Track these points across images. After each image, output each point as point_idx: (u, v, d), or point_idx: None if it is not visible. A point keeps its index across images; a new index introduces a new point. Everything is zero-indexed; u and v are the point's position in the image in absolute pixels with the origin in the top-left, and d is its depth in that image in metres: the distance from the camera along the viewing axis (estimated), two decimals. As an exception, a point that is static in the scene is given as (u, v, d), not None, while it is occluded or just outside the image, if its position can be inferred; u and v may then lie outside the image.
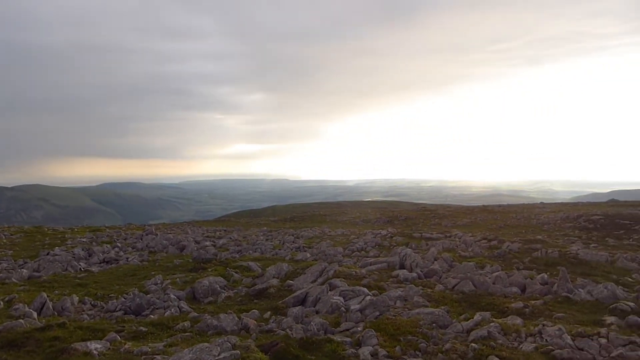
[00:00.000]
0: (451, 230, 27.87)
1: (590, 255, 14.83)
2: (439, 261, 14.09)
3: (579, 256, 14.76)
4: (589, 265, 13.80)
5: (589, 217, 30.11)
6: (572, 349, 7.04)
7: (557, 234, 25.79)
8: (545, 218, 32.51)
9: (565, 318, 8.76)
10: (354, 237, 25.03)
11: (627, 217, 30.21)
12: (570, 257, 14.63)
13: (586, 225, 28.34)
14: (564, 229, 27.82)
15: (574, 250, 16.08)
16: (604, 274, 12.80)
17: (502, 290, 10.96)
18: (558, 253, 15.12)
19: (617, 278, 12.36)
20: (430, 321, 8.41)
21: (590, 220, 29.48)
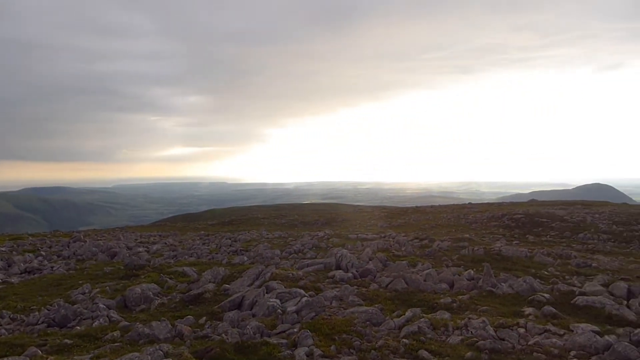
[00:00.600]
0: (386, 231, 28.68)
1: (511, 251, 15.89)
2: (373, 261, 14.48)
3: (501, 253, 15.77)
4: (510, 261, 14.78)
5: (512, 216, 32.14)
6: (494, 339, 7.51)
7: (484, 232, 27.30)
8: (473, 217, 34.29)
9: (489, 311, 9.33)
10: (291, 240, 25.11)
11: (545, 215, 32.58)
12: (494, 254, 15.59)
13: (509, 224, 30.23)
14: (490, 228, 29.50)
15: (498, 247, 17.14)
16: (523, 269, 13.76)
17: (433, 287, 11.47)
18: (483, 250, 16.06)
19: (535, 272, 13.33)
20: (365, 319, 8.64)
21: (513, 219, 31.48)
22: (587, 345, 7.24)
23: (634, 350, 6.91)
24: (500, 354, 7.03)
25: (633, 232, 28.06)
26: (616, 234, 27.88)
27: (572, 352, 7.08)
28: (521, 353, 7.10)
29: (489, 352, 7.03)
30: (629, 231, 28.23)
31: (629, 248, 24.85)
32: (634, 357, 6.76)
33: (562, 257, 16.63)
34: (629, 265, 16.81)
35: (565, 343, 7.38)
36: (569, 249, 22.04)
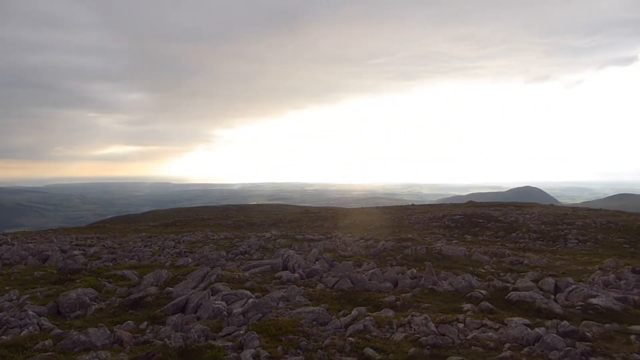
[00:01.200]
0: (332, 232, 28.99)
1: (451, 250, 16.59)
2: (320, 261, 14.62)
3: (442, 252, 16.42)
4: (450, 260, 15.42)
5: (452, 217, 33.46)
6: (435, 335, 7.82)
7: (426, 232, 28.24)
8: (416, 218, 35.38)
9: (430, 308, 9.69)
10: (237, 241, 24.82)
11: (482, 216, 34.19)
12: (436, 253, 16.20)
13: (449, 224, 31.45)
14: (431, 228, 30.55)
15: (439, 246, 17.82)
16: (462, 267, 14.40)
17: (377, 285, 11.74)
18: (425, 250, 16.64)
19: (473, 270, 13.99)
20: (311, 319, 8.72)
21: (453, 219, 32.79)
22: (520, 338, 7.70)
23: (561, 341, 7.43)
24: (441, 348, 7.32)
25: (559, 231, 30.04)
26: (544, 233, 29.73)
27: (506, 344, 7.50)
28: (460, 347, 7.44)
29: (431, 348, 7.31)
30: (556, 230, 30.20)
31: (556, 246, 26.58)
32: (560, 347, 7.27)
33: (497, 256, 17.55)
34: (556, 262, 18.01)
35: (500, 336, 7.82)
36: (503, 247, 23.26)
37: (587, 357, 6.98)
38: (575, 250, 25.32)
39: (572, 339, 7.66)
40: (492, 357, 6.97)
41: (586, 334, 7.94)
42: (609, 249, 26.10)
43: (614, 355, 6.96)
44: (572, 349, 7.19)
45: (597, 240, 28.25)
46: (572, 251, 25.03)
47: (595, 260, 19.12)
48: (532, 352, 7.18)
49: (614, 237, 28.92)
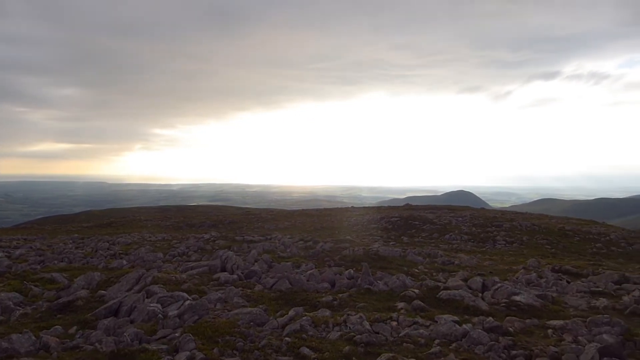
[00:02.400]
0: (272, 233, 28.96)
1: (387, 251, 17.15)
2: (259, 262, 14.61)
3: (379, 253, 16.92)
4: (386, 260, 15.93)
5: (389, 219, 34.45)
6: (369, 333, 8.09)
7: (364, 234, 28.88)
8: (355, 220, 36.09)
9: (366, 307, 9.98)
10: (175, 242, 24.19)
11: (418, 218, 35.45)
12: (372, 254, 16.67)
13: (387, 226, 32.36)
14: (370, 230, 31.29)
15: (376, 247, 18.32)
16: (397, 267, 14.91)
17: (315, 286, 11.93)
18: (363, 251, 17.07)
19: (407, 270, 14.53)
20: (249, 320, 8.73)
21: (390, 221, 33.77)
22: (449, 334, 8.14)
23: (486, 336, 7.94)
24: (375, 346, 7.59)
25: (488, 233, 31.75)
26: (475, 234, 31.31)
27: (436, 340, 7.90)
28: (393, 344, 7.75)
29: (365, 345, 7.56)
30: (485, 232, 31.90)
31: (485, 247, 28.07)
32: (485, 342, 7.76)
33: (431, 256, 18.32)
34: (484, 262, 19.05)
35: (431, 333, 8.22)
36: (437, 248, 24.26)
37: (509, 351, 7.50)
38: (503, 251, 26.86)
39: (496, 334, 8.19)
40: (422, 353, 7.32)
41: (509, 329, 8.52)
42: (533, 249, 27.92)
43: (532, 349, 7.51)
44: (496, 343, 7.71)
45: (523, 241, 30.12)
46: (500, 252, 26.54)
47: (520, 260, 20.39)
48: (460, 347, 7.61)
49: (537, 239, 30.96)
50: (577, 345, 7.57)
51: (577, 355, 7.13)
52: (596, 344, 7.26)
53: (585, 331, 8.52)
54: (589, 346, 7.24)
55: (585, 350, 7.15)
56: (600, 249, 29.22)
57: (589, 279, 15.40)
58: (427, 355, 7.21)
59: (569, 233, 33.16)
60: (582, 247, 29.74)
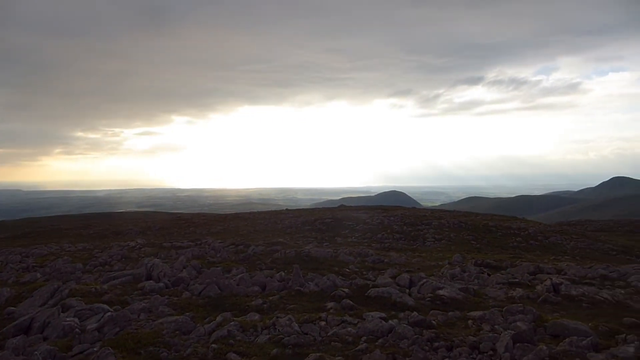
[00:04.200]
0: (203, 238, 28.24)
1: (319, 252, 17.26)
2: (187, 269, 14.16)
3: (311, 254, 16.99)
4: (318, 261, 16.03)
5: (323, 220, 34.77)
6: (298, 334, 8.07)
7: (298, 235, 28.90)
8: (289, 222, 36.03)
9: (296, 308, 9.96)
10: (97, 251, 22.88)
11: (351, 219, 36.06)
12: (304, 256, 16.70)
13: (321, 227, 32.62)
14: (304, 231, 31.37)
15: (308, 249, 18.39)
16: (329, 267, 15.04)
17: (245, 290, 11.74)
18: (295, 252, 17.06)
19: (338, 269, 14.70)
20: (174, 329, 8.41)
21: (324, 222, 34.09)
22: (375, 330, 8.30)
23: (410, 330, 8.18)
24: (303, 347, 7.58)
25: (418, 231, 32.91)
26: (406, 233, 32.34)
27: (363, 337, 8.03)
28: (321, 344, 7.78)
29: (293, 347, 7.52)
30: (416, 231, 33.04)
31: (415, 245, 29.06)
32: (410, 336, 7.99)
33: (362, 256, 18.66)
34: (413, 259, 19.71)
35: (358, 330, 8.34)
36: (369, 248, 24.78)
37: (431, 343, 7.77)
38: (432, 248, 27.95)
39: (420, 328, 8.46)
40: (349, 350, 7.40)
41: (432, 322, 8.83)
42: (459, 245, 29.28)
43: (453, 339, 7.83)
44: (420, 336, 7.96)
45: (450, 238, 31.51)
46: (429, 249, 27.60)
47: (447, 256, 21.28)
48: (386, 343, 7.78)
49: (464, 235, 32.52)
50: (493, 334, 8.00)
51: (493, 343, 7.52)
52: (510, 332, 7.71)
53: (502, 320, 9.02)
54: (504, 334, 7.66)
55: (501, 338, 7.56)
56: (520, 243, 31.23)
57: (508, 271, 16.38)
58: (354, 352, 7.30)
59: (493, 229, 35.16)
60: (504, 241, 31.64)
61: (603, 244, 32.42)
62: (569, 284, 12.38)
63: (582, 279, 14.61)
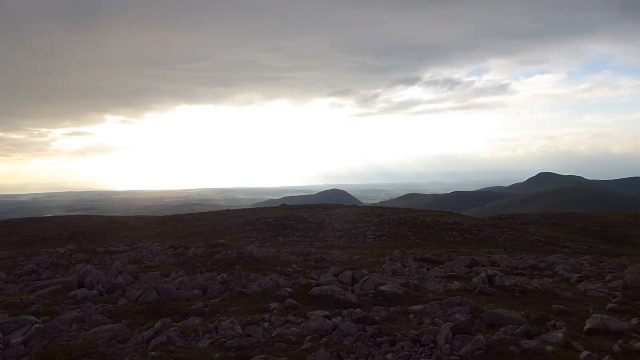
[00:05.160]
0: (140, 241, 27.13)
1: (261, 252, 17.07)
2: (123, 274, 13.48)
3: (252, 254, 16.77)
4: (260, 261, 15.84)
5: (265, 220, 34.49)
6: (241, 337, 7.89)
7: (239, 236, 28.48)
8: (230, 223, 35.44)
9: (238, 310, 9.75)
10: (22, 259, 21.31)
11: (293, 218, 36.03)
12: (246, 256, 16.46)
13: (262, 227, 32.35)
14: (245, 232, 30.98)
15: (249, 249, 18.15)
16: (271, 267, 14.90)
17: (186, 294, 11.36)
18: (236, 253, 16.75)
19: (281, 269, 14.58)
20: (109, 338, 7.96)
21: (265, 222, 33.83)
22: (319, 329, 8.28)
23: (354, 327, 8.24)
24: (246, 349, 7.42)
25: (359, 228, 33.47)
26: (347, 230, 32.78)
27: (307, 336, 7.98)
28: (265, 345, 7.66)
29: (236, 350, 7.35)
30: (357, 228, 33.57)
31: (356, 242, 29.52)
32: (353, 332, 8.04)
33: (304, 254, 18.67)
34: (355, 257, 19.97)
35: (302, 330, 8.28)
36: (311, 246, 24.87)
37: (375, 339, 7.86)
38: (373, 245, 28.51)
39: (363, 324, 8.54)
40: (294, 350, 7.33)
41: (375, 318, 8.95)
42: (399, 241, 30.08)
43: (395, 334, 7.96)
44: (363, 332, 8.04)
45: (391, 234, 32.29)
46: (370, 246, 28.13)
47: (388, 252, 21.77)
48: (330, 341, 7.78)
49: (403, 231, 33.44)
50: (434, 326, 8.22)
51: (434, 335, 7.73)
52: (450, 323, 7.95)
53: (441, 312, 9.30)
54: (443, 326, 7.89)
55: (441, 330, 7.79)
56: (456, 237, 32.58)
57: (446, 264, 17.00)
58: (298, 352, 7.24)
59: (430, 224, 36.44)
60: (441, 236, 32.88)
61: (531, 236, 34.52)
62: (502, 275, 13.01)
63: (514, 269, 15.42)
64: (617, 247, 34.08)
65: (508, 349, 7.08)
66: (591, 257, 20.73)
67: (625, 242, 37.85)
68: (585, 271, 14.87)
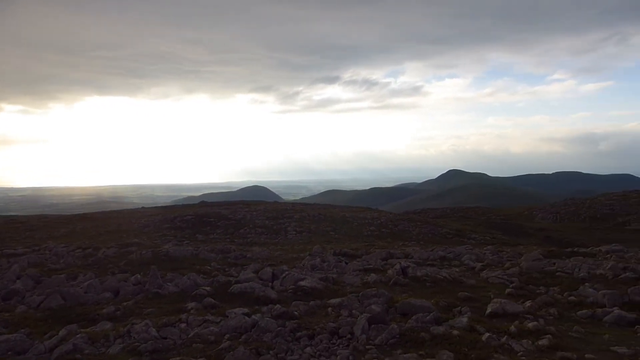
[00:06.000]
0: (44, 242, 25.09)
1: (179, 251, 16.53)
2: (22, 279, 12.39)
3: (169, 253, 16.18)
4: (178, 261, 15.33)
5: (183, 218, 33.44)
6: (156, 339, 7.58)
7: (156, 235, 27.34)
8: (146, 221, 33.91)
9: (154, 312, 9.37)
10: None
11: (213, 215, 35.29)
12: (162, 255, 15.84)
13: (181, 225, 31.34)
14: (162, 230, 29.80)
15: (166, 248, 17.50)
16: (189, 266, 14.47)
17: (95, 297, 10.70)
18: (151, 253, 16.07)
19: (199, 268, 14.22)
20: (5, 350, 7.29)
21: (184, 220, 32.81)
22: (239, 327, 8.19)
23: (273, 323, 8.24)
24: (162, 352, 7.16)
25: (280, 225, 33.53)
26: (269, 227, 32.70)
27: (226, 335, 7.85)
28: (182, 347, 7.43)
29: (151, 353, 7.06)
30: (278, 224, 33.60)
31: (277, 238, 29.55)
32: (273, 328, 8.05)
33: (224, 252, 18.35)
34: (275, 253, 20.00)
35: (221, 329, 8.14)
36: (231, 244, 24.49)
37: (294, 333, 7.93)
38: (294, 241, 28.69)
39: (283, 320, 8.57)
40: (212, 350, 7.18)
41: (294, 313, 9.02)
42: (320, 236, 30.53)
43: (314, 327, 8.08)
44: (283, 328, 8.06)
45: (311, 230, 32.68)
46: (291, 241, 28.28)
47: (308, 248, 21.99)
48: (249, 338, 7.72)
49: (324, 227, 33.99)
50: (351, 318, 8.45)
51: (351, 327, 7.96)
52: (366, 314, 8.22)
53: (358, 304, 9.59)
54: (360, 317, 8.15)
55: (357, 321, 8.03)
56: (374, 232, 33.72)
57: (363, 258, 17.53)
58: (216, 352, 7.10)
59: (350, 219, 37.39)
60: (359, 230, 33.86)
61: (442, 229, 36.65)
62: (415, 266, 13.69)
63: (425, 261, 16.27)
64: (516, 238, 37.26)
65: (419, 335, 7.48)
66: (493, 247, 22.50)
67: (522, 233, 41.49)
68: (487, 260, 16.10)
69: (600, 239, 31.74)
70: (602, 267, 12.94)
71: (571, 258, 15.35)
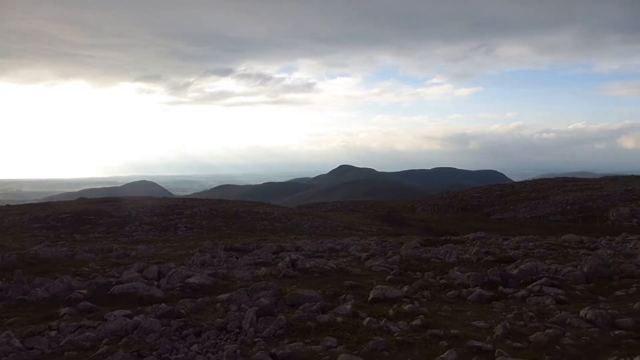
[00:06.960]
0: None
1: (51, 252, 15.08)
2: None
3: (39, 255, 14.69)
4: (49, 263, 13.99)
5: (58, 216, 30.59)
6: (20, 351, 6.85)
7: (24, 235, 24.73)
8: (11, 221, 30.47)
9: (18, 321, 8.46)
10: None
11: (94, 212, 32.78)
12: (30, 258, 14.34)
13: (55, 224, 28.66)
14: (32, 230, 27.03)
15: (35, 250, 15.89)
16: (63, 269, 13.26)
17: (-55, 309, 9.39)
18: (17, 256, 14.47)
19: (75, 270, 13.12)
20: None
21: (59, 218, 30.03)
22: (119, 330, 7.74)
23: (157, 323, 7.92)
24: (27, 363, 6.52)
25: (170, 221, 32.22)
26: (156, 224, 31.22)
27: (104, 340, 7.36)
28: (51, 356, 6.82)
29: (13, 366, 6.39)
30: (167, 221, 32.24)
31: (167, 235, 28.36)
32: (157, 328, 7.74)
33: (104, 252, 17.15)
34: (163, 250, 19.18)
35: (99, 333, 7.61)
36: (114, 242, 22.97)
37: (180, 332, 7.70)
38: (184, 237, 27.74)
39: (168, 319, 8.27)
40: (87, 357, 6.71)
41: (181, 311, 8.75)
42: (212, 232, 29.88)
43: (202, 324, 7.93)
44: (168, 327, 7.79)
45: (203, 226, 31.85)
46: (182, 238, 27.32)
47: (199, 244, 21.40)
48: (130, 341, 7.34)
49: (216, 222, 33.31)
50: (240, 313, 8.43)
51: (239, 321, 7.94)
52: (255, 308, 8.26)
53: (247, 298, 9.60)
54: (249, 311, 8.17)
55: (246, 315, 8.04)
56: (267, 226, 33.83)
57: (254, 252, 17.54)
58: (93, 358, 6.65)
59: (242, 214, 37.06)
60: (252, 225, 33.75)
61: (332, 222, 37.96)
62: (304, 258, 14.02)
63: (314, 253, 16.74)
64: (399, 228, 39.84)
65: (305, 324, 7.71)
66: (378, 237, 23.86)
67: (404, 224, 44.50)
68: (372, 250, 17.04)
69: (469, 227, 35.17)
70: (469, 252, 14.45)
71: (444, 245, 16.88)
